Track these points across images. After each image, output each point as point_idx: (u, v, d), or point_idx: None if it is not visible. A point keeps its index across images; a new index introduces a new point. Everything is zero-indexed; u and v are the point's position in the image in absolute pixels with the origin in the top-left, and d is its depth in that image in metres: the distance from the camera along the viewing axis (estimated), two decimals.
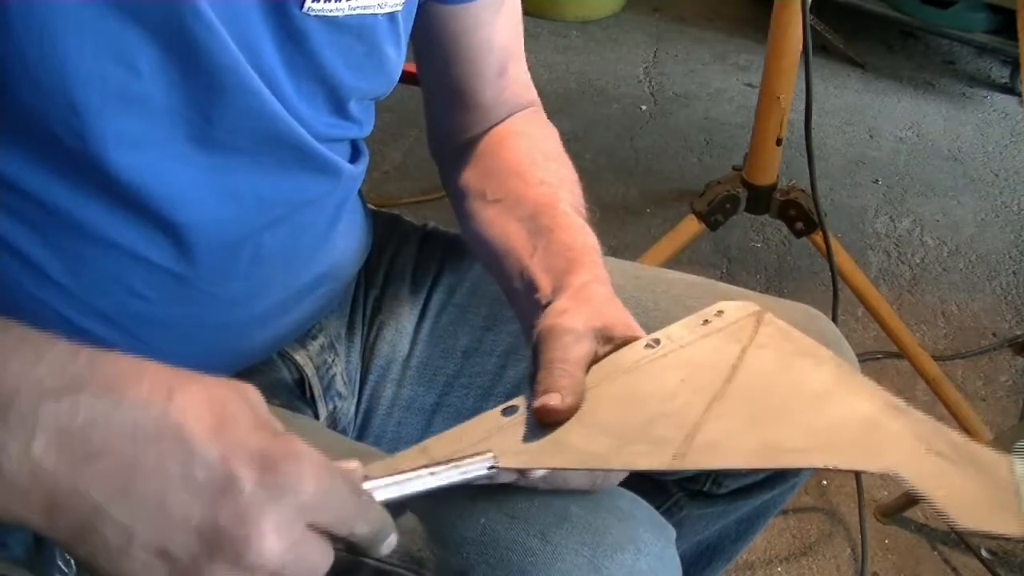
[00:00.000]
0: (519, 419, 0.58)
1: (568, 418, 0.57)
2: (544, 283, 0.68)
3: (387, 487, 0.51)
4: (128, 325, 0.63)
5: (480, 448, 0.55)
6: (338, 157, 0.70)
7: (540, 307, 0.67)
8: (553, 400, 0.57)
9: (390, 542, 0.50)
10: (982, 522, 0.49)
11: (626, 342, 0.62)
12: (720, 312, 0.64)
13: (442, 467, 0.53)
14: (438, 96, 0.82)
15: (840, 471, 0.94)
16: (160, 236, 0.61)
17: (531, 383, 0.61)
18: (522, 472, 0.58)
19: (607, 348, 0.62)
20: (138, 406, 0.44)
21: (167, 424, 0.44)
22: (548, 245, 0.70)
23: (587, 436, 0.56)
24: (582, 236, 0.71)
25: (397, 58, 0.70)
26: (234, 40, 0.57)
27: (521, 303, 0.70)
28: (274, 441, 0.45)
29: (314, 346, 0.78)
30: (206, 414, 0.45)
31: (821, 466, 0.52)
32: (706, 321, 0.63)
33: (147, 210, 0.60)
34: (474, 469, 0.54)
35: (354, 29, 0.64)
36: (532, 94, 0.85)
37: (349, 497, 0.47)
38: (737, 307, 0.64)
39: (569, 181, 0.78)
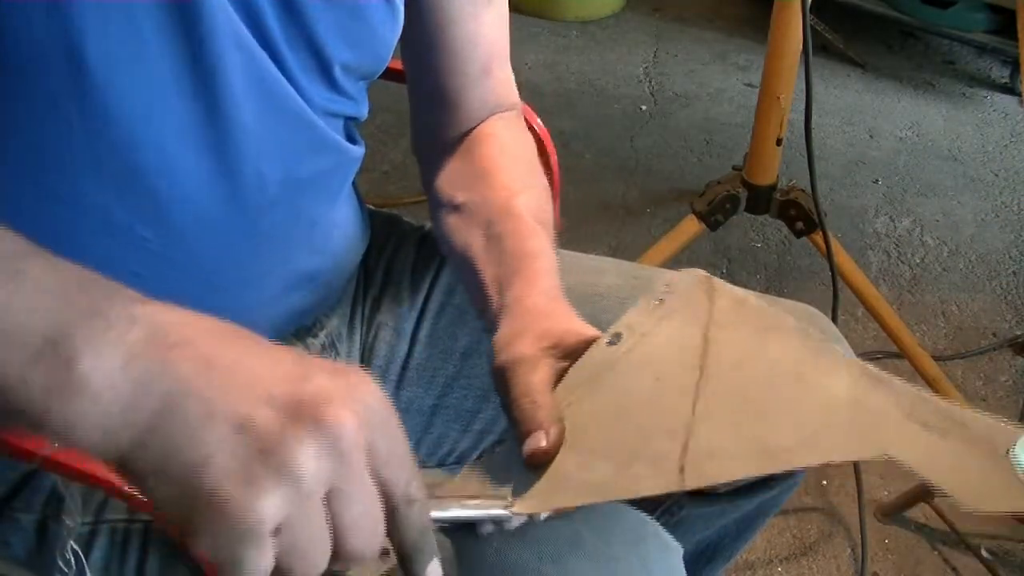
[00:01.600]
0: (505, 452, 0.58)
1: (558, 448, 0.56)
2: (494, 294, 0.68)
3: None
4: None
5: (497, 490, 0.55)
6: (336, 134, 0.70)
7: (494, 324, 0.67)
8: (540, 442, 0.56)
9: (435, 566, 0.48)
10: (986, 502, 0.48)
11: (584, 346, 0.61)
12: (668, 286, 0.62)
13: (470, 502, 0.54)
14: (423, 93, 0.82)
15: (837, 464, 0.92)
16: (155, 210, 0.61)
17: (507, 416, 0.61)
18: (531, 517, 0.57)
19: (566, 362, 0.61)
20: (218, 322, 0.46)
21: (244, 332, 0.46)
22: (501, 253, 0.70)
23: (583, 463, 0.55)
24: (529, 241, 0.71)
25: (390, 37, 0.71)
26: (237, 9, 0.58)
27: (485, 316, 0.70)
28: (341, 364, 0.48)
29: (315, 344, 0.78)
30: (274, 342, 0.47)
31: (818, 463, 0.52)
32: (659, 300, 0.62)
33: (143, 186, 0.60)
34: (495, 507, 0.54)
35: (348, 6, 0.65)
36: (515, 97, 0.85)
37: (405, 443, 0.47)
38: (684, 276, 0.63)
39: (536, 188, 0.78)
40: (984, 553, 1.43)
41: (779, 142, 1.58)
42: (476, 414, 0.83)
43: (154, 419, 0.42)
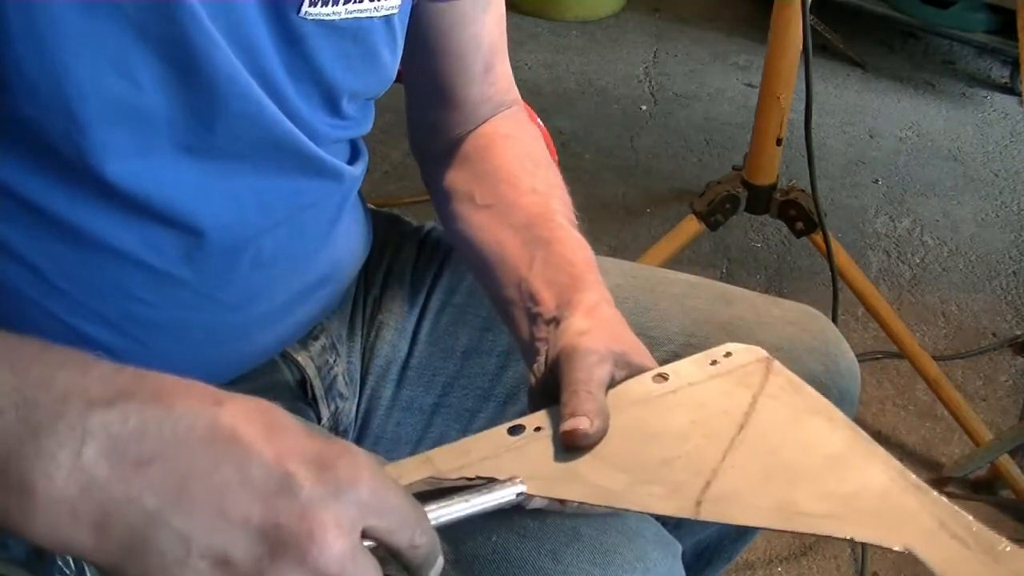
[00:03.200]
0: (527, 441, 0.58)
1: (596, 443, 0.57)
2: (546, 297, 0.68)
3: (430, 511, 0.50)
4: (131, 330, 0.63)
5: (499, 470, 0.55)
6: (337, 160, 0.70)
7: (542, 321, 0.67)
8: (583, 424, 0.57)
9: (439, 565, 0.48)
10: None
11: (641, 370, 0.62)
12: (728, 354, 0.63)
13: (475, 495, 0.53)
14: (423, 94, 0.82)
15: (857, 543, 0.92)
16: (161, 241, 0.61)
17: (537, 402, 0.61)
18: (560, 501, 0.57)
19: (623, 373, 0.62)
20: (189, 413, 0.43)
21: (219, 429, 0.43)
22: (547, 258, 0.70)
23: (599, 468, 0.56)
24: (582, 251, 0.71)
25: (392, 60, 0.70)
26: (233, 46, 0.57)
27: (516, 313, 0.70)
28: (327, 443, 0.45)
29: (315, 347, 0.78)
30: (257, 420, 0.44)
31: (840, 536, 0.52)
32: (714, 361, 0.63)
33: (148, 216, 0.59)
34: (505, 495, 0.54)
35: (350, 32, 0.64)
36: (515, 92, 0.85)
37: (406, 501, 0.46)
38: (746, 350, 0.64)
39: (559, 188, 0.78)
40: None
41: (779, 142, 1.58)
42: (477, 413, 0.83)
43: (126, 549, 0.41)
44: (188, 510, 0.41)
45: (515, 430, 0.58)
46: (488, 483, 0.54)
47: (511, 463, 0.56)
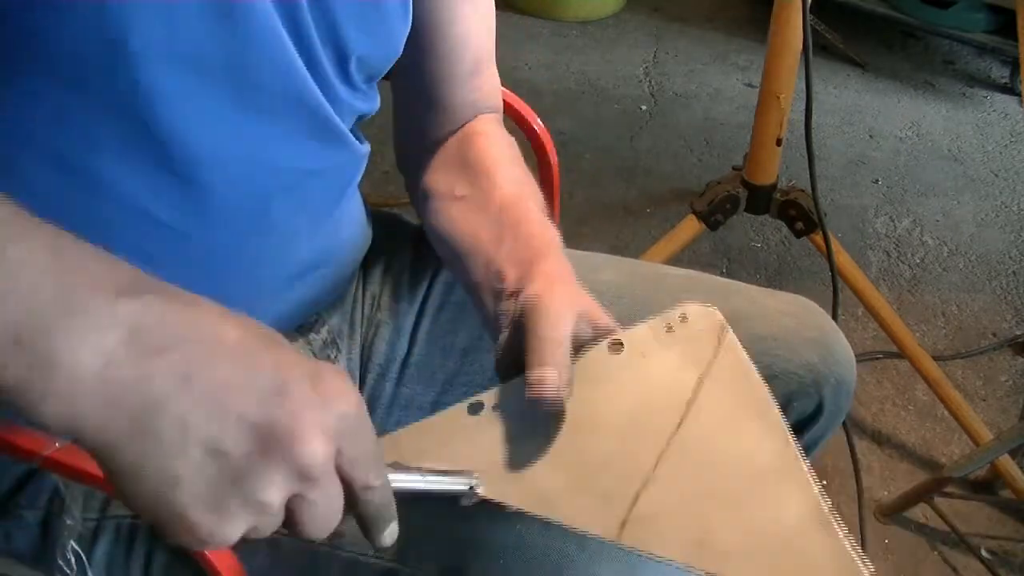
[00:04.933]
0: (481, 426, 0.59)
1: (561, 400, 0.57)
2: (510, 273, 0.68)
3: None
4: None
5: (463, 463, 0.57)
6: (346, 129, 0.71)
7: (505, 296, 0.67)
8: (550, 374, 0.57)
9: (392, 530, 0.51)
10: None
11: (602, 330, 0.62)
12: (684, 316, 0.63)
13: (430, 475, 0.55)
14: (409, 96, 0.83)
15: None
16: (175, 193, 0.62)
17: (500, 367, 0.62)
18: (498, 505, 0.58)
19: (589, 330, 0.62)
20: (205, 315, 0.46)
21: (229, 332, 0.46)
22: (516, 237, 0.70)
23: (541, 464, 0.57)
24: (548, 231, 0.72)
25: (401, 32, 0.72)
26: (276, 4, 0.59)
27: (483, 296, 0.70)
28: (321, 362, 0.49)
29: (316, 340, 0.79)
30: (258, 333, 0.47)
31: None
32: (669, 327, 0.63)
33: (169, 164, 0.60)
34: (457, 484, 0.56)
35: None
36: (499, 99, 0.86)
37: (374, 437, 0.49)
38: (701, 313, 0.63)
39: (533, 186, 0.79)
40: (984, 553, 1.43)
41: (779, 142, 1.58)
42: None
43: (129, 429, 0.43)
44: (191, 399, 0.44)
45: (475, 408, 0.59)
46: (443, 475, 0.56)
47: (463, 451, 0.58)
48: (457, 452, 0.58)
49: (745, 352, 0.61)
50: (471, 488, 0.56)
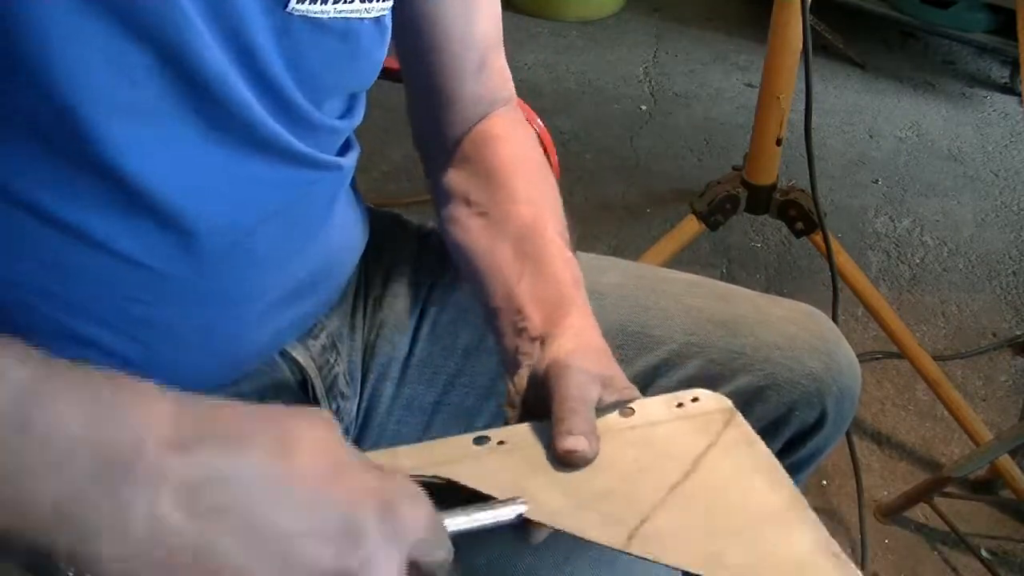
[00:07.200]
0: (490, 450, 0.59)
1: (588, 463, 0.58)
2: (533, 313, 0.69)
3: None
4: (130, 330, 0.63)
5: (457, 476, 0.57)
6: (326, 153, 0.70)
7: (528, 337, 0.68)
8: (581, 445, 0.58)
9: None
10: None
11: (625, 401, 0.63)
12: (696, 399, 0.65)
13: (476, 510, 0.55)
14: (420, 92, 0.82)
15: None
16: (157, 239, 0.61)
17: (510, 403, 0.62)
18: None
19: (612, 396, 0.63)
20: (260, 458, 0.44)
21: (290, 470, 0.44)
22: (537, 273, 0.71)
23: (545, 488, 0.58)
24: (570, 269, 0.72)
25: (380, 55, 0.70)
26: (227, 42, 0.57)
27: (502, 324, 0.71)
28: (387, 482, 0.47)
29: (316, 346, 0.78)
30: (321, 462, 0.45)
31: None
32: (680, 404, 0.64)
33: (149, 213, 0.59)
34: (505, 514, 0.56)
35: (338, 32, 0.64)
36: (510, 87, 0.85)
37: (444, 531, 0.50)
38: (712, 398, 0.65)
39: (553, 199, 0.79)
40: (984, 553, 1.43)
41: (779, 142, 1.58)
42: (478, 412, 0.83)
43: None
44: (256, 555, 0.42)
45: (480, 440, 0.60)
46: (490, 501, 0.56)
47: (469, 470, 0.57)
48: (459, 472, 0.57)
49: (753, 430, 0.63)
50: (518, 516, 0.56)
